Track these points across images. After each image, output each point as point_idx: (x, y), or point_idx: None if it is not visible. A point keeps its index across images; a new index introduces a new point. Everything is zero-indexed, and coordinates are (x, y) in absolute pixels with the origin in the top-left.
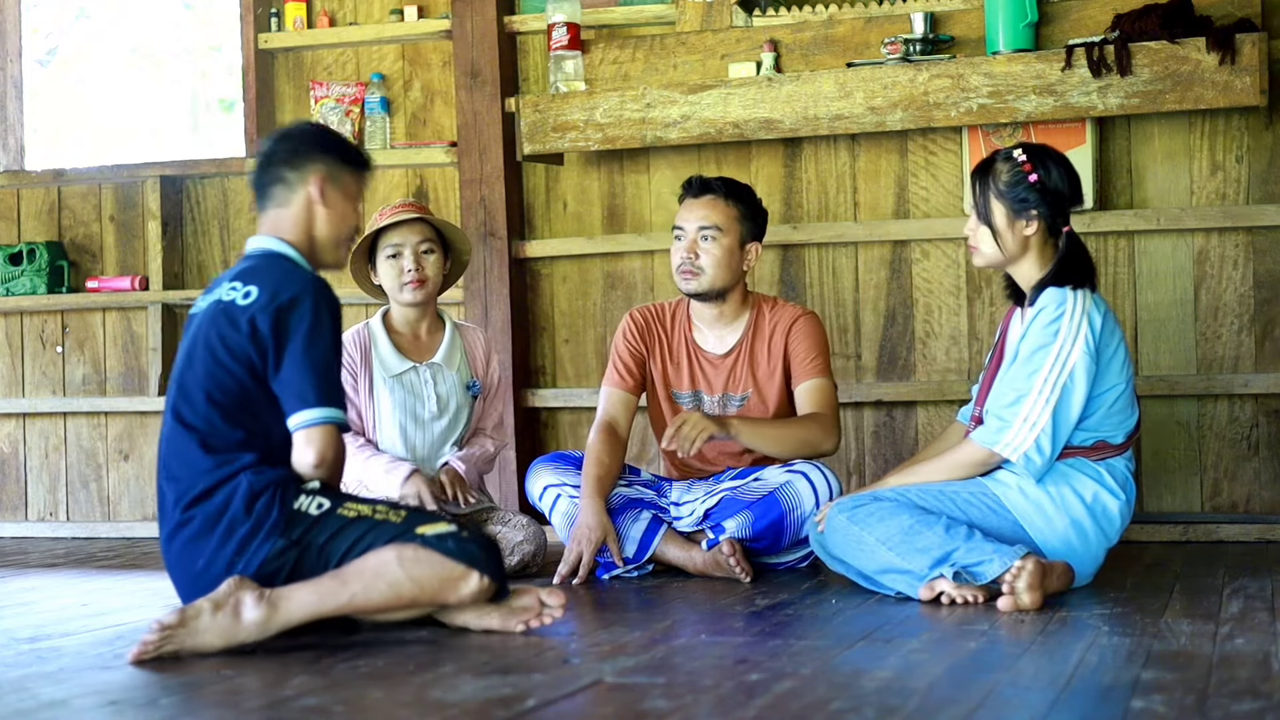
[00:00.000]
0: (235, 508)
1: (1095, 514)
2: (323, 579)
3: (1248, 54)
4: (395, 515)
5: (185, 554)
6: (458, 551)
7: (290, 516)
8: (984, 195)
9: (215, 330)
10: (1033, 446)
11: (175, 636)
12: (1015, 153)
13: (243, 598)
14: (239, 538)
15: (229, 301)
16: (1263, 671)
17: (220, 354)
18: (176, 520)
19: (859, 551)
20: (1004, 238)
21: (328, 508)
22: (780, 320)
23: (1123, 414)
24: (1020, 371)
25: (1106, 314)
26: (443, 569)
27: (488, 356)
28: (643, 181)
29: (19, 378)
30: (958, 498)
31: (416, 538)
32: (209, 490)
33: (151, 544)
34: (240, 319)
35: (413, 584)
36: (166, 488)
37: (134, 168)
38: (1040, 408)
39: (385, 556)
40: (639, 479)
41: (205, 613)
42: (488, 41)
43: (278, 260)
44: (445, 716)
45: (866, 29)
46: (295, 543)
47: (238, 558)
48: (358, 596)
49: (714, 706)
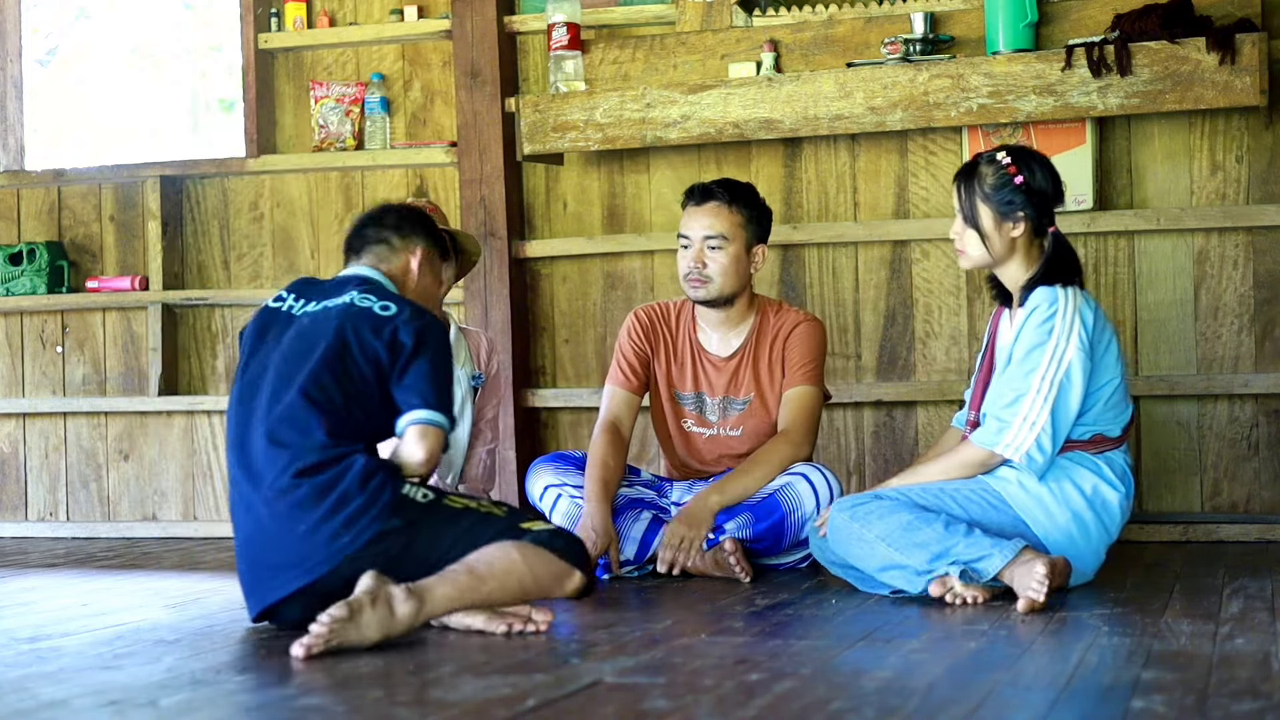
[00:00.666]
0: (349, 483)
1: (1095, 506)
2: (459, 574)
3: (1248, 54)
4: (499, 509)
5: (285, 518)
6: (566, 550)
7: (400, 500)
8: (969, 198)
9: (354, 328)
10: (1034, 445)
11: (343, 630)
12: (999, 155)
13: (393, 593)
14: (349, 513)
15: (365, 308)
16: (1263, 671)
17: (355, 350)
18: (285, 485)
19: (860, 549)
20: (991, 240)
21: (433, 498)
22: (784, 325)
23: (1118, 407)
24: (1017, 371)
25: (1097, 310)
26: (556, 567)
27: (490, 352)
28: (643, 181)
29: (19, 378)
30: (959, 495)
31: (526, 534)
32: (321, 464)
33: (151, 544)
34: (383, 327)
35: (534, 581)
36: (272, 452)
37: (134, 168)
38: (1039, 406)
39: (512, 555)
40: (639, 479)
41: (367, 607)
42: (488, 41)
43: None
44: (445, 716)
45: (866, 29)
46: (404, 527)
47: (344, 530)
48: (494, 593)
49: (714, 706)
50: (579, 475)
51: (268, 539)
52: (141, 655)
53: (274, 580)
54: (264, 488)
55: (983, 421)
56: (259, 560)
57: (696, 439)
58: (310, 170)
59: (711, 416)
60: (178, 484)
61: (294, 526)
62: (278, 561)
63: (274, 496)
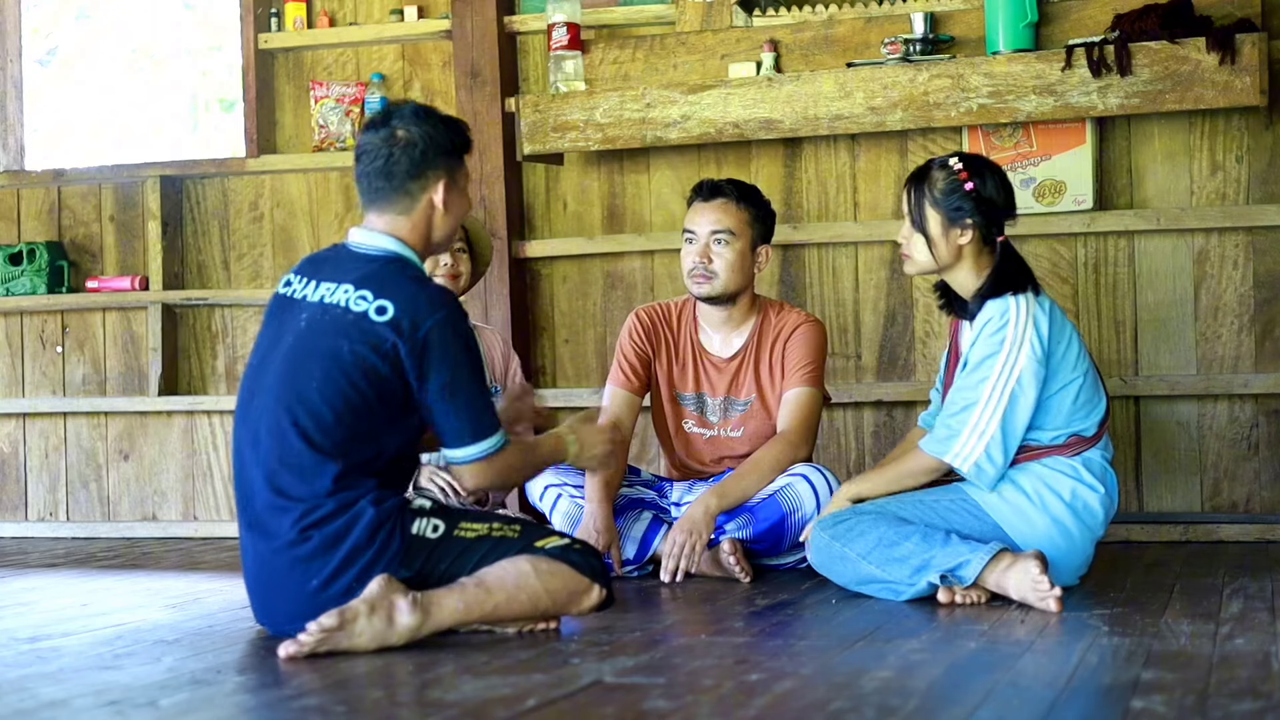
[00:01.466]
0: (358, 536)
1: (1076, 510)
2: (467, 587)
3: (1248, 54)
4: (511, 531)
5: (296, 571)
6: (583, 565)
7: (410, 544)
8: (919, 202)
9: (345, 342)
10: (983, 455)
11: (332, 638)
12: (951, 161)
13: (397, 602)
14: (361, 565)
15: (359, 313)
16: (1263, 671)
17: (350, 369)
18: (292, 538)
19: (841, 567)
20: (938, 245)
21: (444, 530)
22: (785, 326)
23: (1089, 405)
24: (968, 381)
25: (1053, 310)
26: (573, 582)
27: (506, 358)
28: (643, 181)
29: (19, 378)
30: (938, 505)
31: (540, 550)
32: (329, 515)
33: (151, 544)
34: (382, 342)
35: (549, 596)
36: (277, 503)
37: (134, 168)
38: (989, 416)
39: (524, 568)
40: (640, 479)
41: (362, 615)
42: (488, 41)
43: (404, 268)
44: (445, 716)
45: (866, 29)
46: (417, 574)
47: (358, 584)
48: (500, 607)
49: (714, 706)
50: (579, 475)
51: (279, 588)
52: (141, 655)
53: (289, 624)
54: (271, 539)
55: (935, 427)
56: (272, 605)
57: (697, 440)
58: (310, 170)
59: (712, 417)
60: (178, 484)
61: (305, 582)
62: (292, 610)
63: (283, 547)
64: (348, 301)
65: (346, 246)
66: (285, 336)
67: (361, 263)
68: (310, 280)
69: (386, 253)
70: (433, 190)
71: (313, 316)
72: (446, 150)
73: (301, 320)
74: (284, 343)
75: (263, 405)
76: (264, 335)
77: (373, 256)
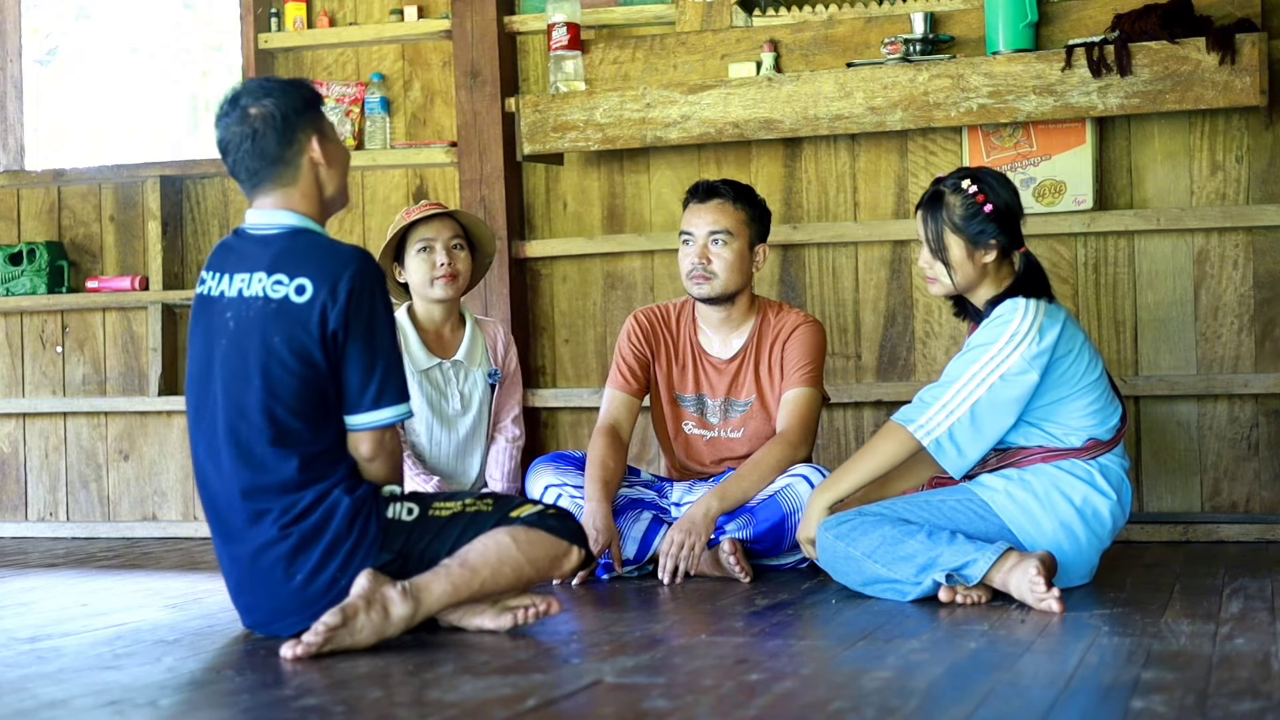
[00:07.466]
0: (337, 526)
1: (1085, 516)
2: (452, 568)
3: (1248, 54)
4: (484, 505)
5: (279, 569)
6: (560, 529)
7: (388, 528)
8: (937, 229)
9: (275, 335)
10: (945, 434)
11: (337, 636)
12: (964, 184)
13: (389, 595)
14: (343, 555)
15: (280, 299)
16: (1263, 671)
17: (289, 361)
18: (271, 537)
19: (847, 567)
20: (962, 269)
21: (419, 512)
22: (784, 326)
23: (1105, 410)
24: (957, 362)
25: (1065, 320)
26: (553, 547)
27: (505, 346)
28: (643, 181)
29: (19, 378)
30: (944, 505)
31: (517, 520)
32: (307, 509)
33: (151, 544)
34: (309, 323)
35: (531, 565)
36: (253, 509)
37: (134, 168)
38: (962, 398)
39: (503, 541)
40: (639, 479)
41: (360, 612)
42: (488, 41)
43: (308, 238)
44: (445, 717)
45: (866, 29)
46: (397, 555)
47: (342, 574)
48: (487, 583)
49: (714, 706)
50: (579, 475)
51: (263, 588)
52: (141, 655)
53: (277, 623)
54: (250, 543)
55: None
56: (257, 605)
57: (697, 441)
58: None
59: (713, 418)
60: (177, 484)
61: (289, 579)
62: (278, 608)
63: (264, 546)
64: (265, 290)
65: (245, 231)
66: (218, 340)
67: (265, 245)
68: (223, 275)
69: (285, 228)
70: (308, 149)
71: (238, 314)
72: (301, 108)
73: (229, 320)
74: (219, 348)
75: (213, 418)
76: (195, 341)
77: (273, 236)
